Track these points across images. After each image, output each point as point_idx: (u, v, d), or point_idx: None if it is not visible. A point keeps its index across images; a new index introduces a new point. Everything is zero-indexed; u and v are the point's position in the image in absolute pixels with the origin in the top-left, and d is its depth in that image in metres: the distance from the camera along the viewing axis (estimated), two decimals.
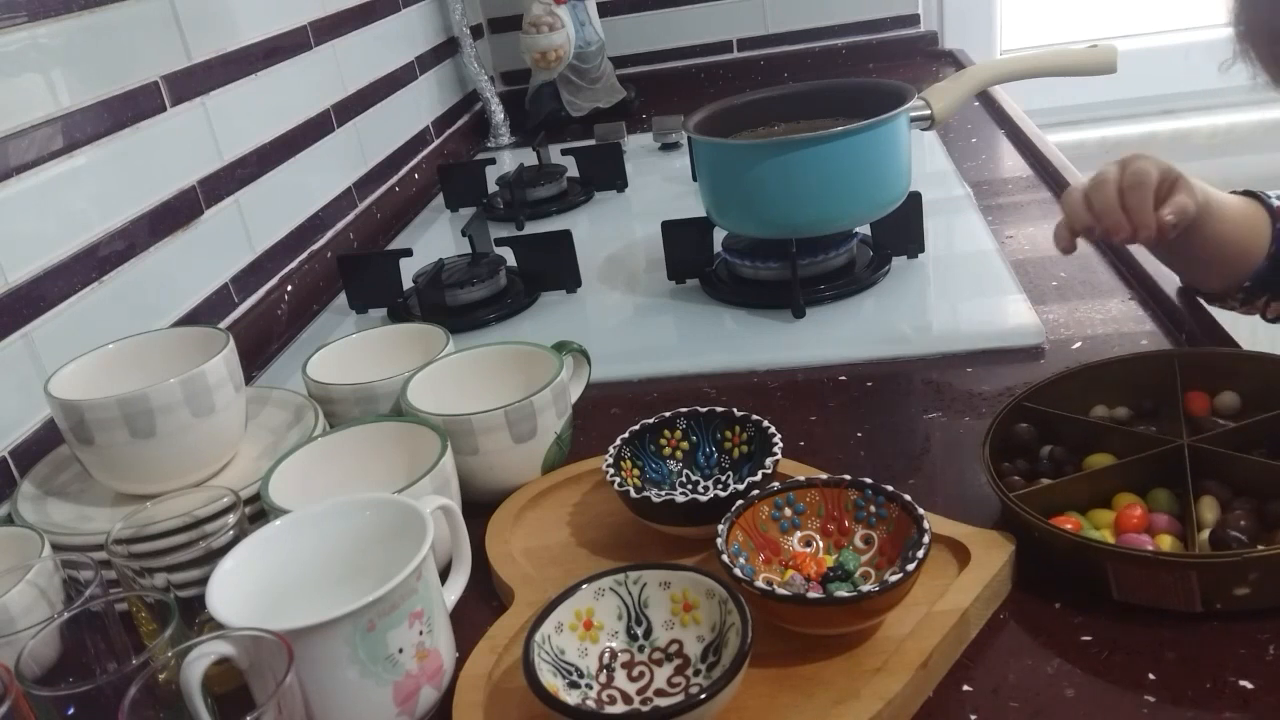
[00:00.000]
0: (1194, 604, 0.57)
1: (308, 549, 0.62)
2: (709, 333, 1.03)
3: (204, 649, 0.50)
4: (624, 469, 0.72)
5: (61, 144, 0.90)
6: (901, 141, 1.02)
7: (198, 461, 0.73)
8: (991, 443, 0.68)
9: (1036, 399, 0.72)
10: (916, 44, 2.01)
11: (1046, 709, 0.54)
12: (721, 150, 1.03)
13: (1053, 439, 0.70)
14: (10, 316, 0.83)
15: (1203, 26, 2.05)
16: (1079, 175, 1.23)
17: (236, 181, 1.16)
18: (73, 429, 0.69)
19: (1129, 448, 0.67)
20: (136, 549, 0.65)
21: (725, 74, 2.05)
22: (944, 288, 1.04)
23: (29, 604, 0.60)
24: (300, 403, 0.83)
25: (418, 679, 0.57)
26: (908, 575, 0.56)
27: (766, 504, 0.64)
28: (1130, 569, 0.58)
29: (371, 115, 1.53)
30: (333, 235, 1.36)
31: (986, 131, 1.53)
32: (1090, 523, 0.63)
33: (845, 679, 0.56)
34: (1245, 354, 0.73)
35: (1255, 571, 0.55)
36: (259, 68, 1.23)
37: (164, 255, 1.02)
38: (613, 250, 1.28)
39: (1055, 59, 1.15)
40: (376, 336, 0.91)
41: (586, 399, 0.89)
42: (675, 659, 0.58)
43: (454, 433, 0.74)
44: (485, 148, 1.89)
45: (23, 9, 0.88)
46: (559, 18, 1.84)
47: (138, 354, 0.77)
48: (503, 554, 0.70)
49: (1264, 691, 0.52)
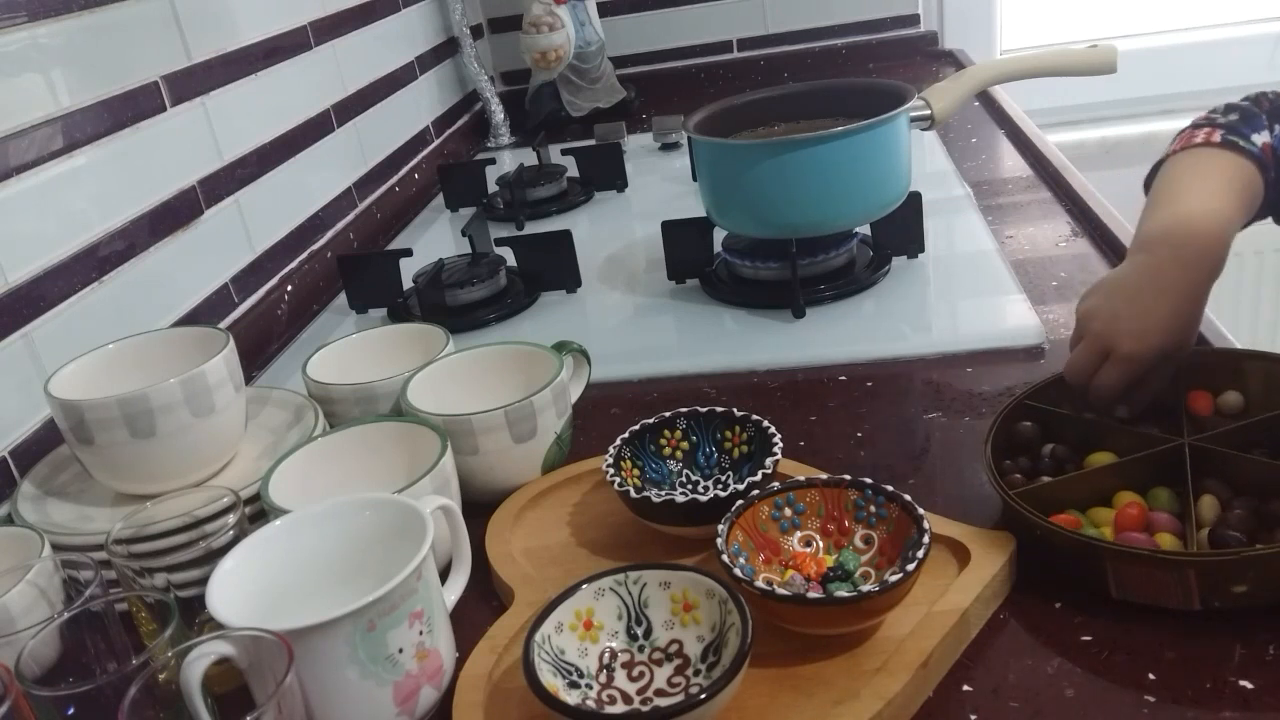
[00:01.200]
0: (1192, 602, 0.57)
1: (308, 549, 0.62)
2: (709, 333, 1.03)
3: (204, 649, 0.50)
4: (624, 469, 0.72)
5: (61, 144, 0.90)
6: (901, 141, 1.02)
7: (198, 461, 0.73)
8: (994, 441, 0.68)
9: (1039, 398, 0.72)
10: (916, 44, 2.01)
11: (1047, 709, 0.54)
12: (721, 150, 1.03)
13: (1055, 438, 0.70)
14: (10, 316, 0.83)
15: (1203, 26, 2.05)
16: (1079, 175, 1.23)
17: (236, 181, 1.16)
18: (73, 429, 0.69)
19: (1130, 446, 0.67)
20: (136, 549, 0.65)
21: (725, 74, 2.05)
22: (944, 288, 1.04)
23: (29, 604, 0.60)
24: (300, 403, 0.83)
25: (418, 679, 0.57)
26: (908, 575, 0.56)
27: (766, 504, 0.64)
28: (1128, 567, 0.58)
29: (371, 115, 1.53)
30: (333, 235, 1.36)
31: (986, 131, 1.53)
32: (1090, 521, 0.63)
33: (845, 679, 0.56)
34: (1249, 353, 0.72)
35: (1253, 570, 0.55)
36: (259, 68, 1.23)
37: (164, 255, 1.02)
38: (613, 250, 1.28)
39: (1055, 59, 1.15)
40: (376, 336, 0.91)
41: (586, 399, 0.89)
42: (675, 659, 0.58)
43: (454, 433, 0.74)
44: (485, 148, 1.90)
45: (23, 9, 0.88)
46: (559, 18, 1.84)
47: (138, 354, 0.77)
48: (503, 554, 0.70)
49: (1264, 691, 0.52)
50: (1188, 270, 0.70)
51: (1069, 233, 1.12)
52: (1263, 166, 0.75)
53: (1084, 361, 0.70)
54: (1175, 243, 0.70)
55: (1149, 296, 0.69)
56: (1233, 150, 0.75)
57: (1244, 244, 1.83)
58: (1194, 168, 0.75)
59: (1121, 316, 0.69)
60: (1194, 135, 0.77)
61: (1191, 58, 2.02)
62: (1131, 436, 0.68)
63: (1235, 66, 1.97)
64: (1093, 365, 0.70)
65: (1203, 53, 2.02)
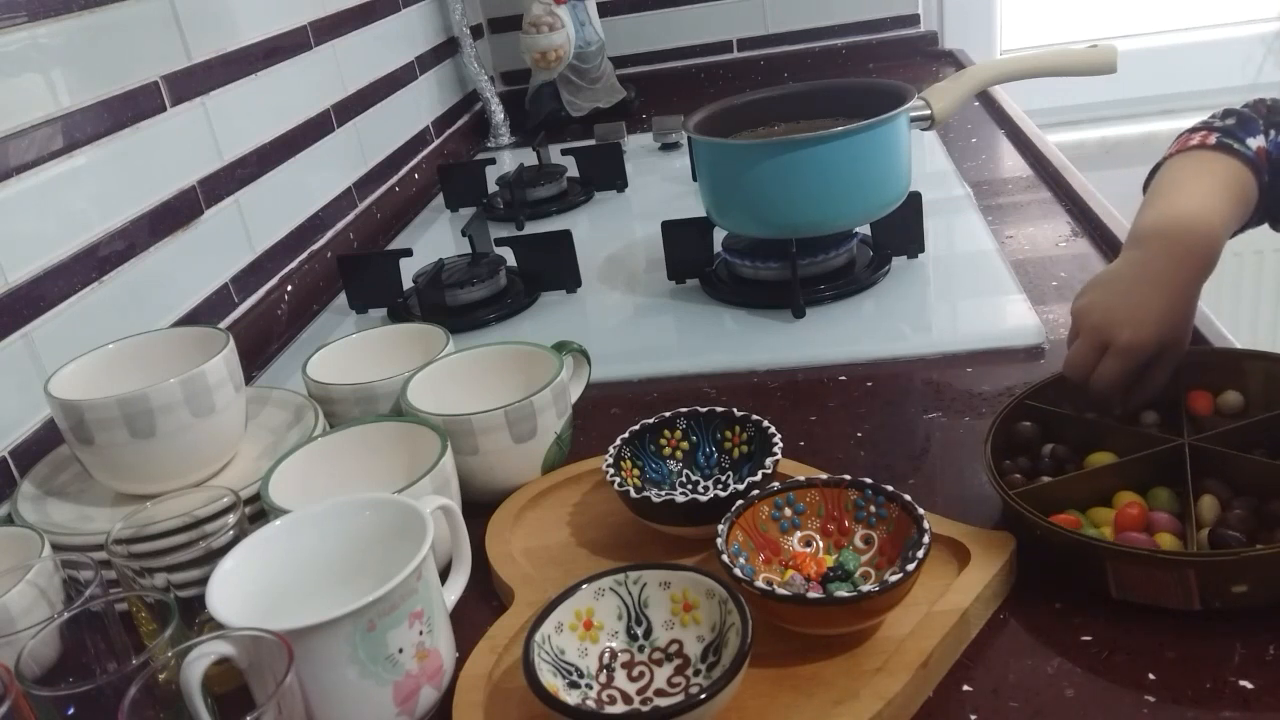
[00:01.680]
0: (1192, 602, 0.57)
1: (308, 549, 0.62)
2: (709, 333, 1.03)
3: (204, 649, 0.50)
4: (624, 469, 0.72)
5: (61, 144, 0.90)
6: (901, 141, 1.02)
7: (198, 461, 0.73)
8: (993, 441, 0.68)
9: (1039, 397, 0.72)
10: (916, 44, 2.01)
11: (1047, 709, 0.54)
12: (721, 150, 1.03)
13: (1055, 438, 0.70)
14: (10, 316, 0.83)
15: (1203, 26, 2.05)
16: (1079, 175, 1.23)
17: (236, 181, 1.16)
18: (73, 429, 0.69)
19: (1130, 446, 0.67)
20: (136, 549, 0.65)
21: (725, 74, 2.05)
22: (944, 288, 1.04)
23: (29, 604, 0.60)
24: (300, 403, 0.83)
25: (418, 679, 0.57)
26: (908, 575, 0.56)
27: (766, 504, 0.64)
28: (1128, 567, 0.58)
29: (371, 115, 1.53)
30: (333, 235, 1.36)
31: (986, 131, 1.53)
32: (1090, 521, 0.63)
33: (845, 679, 0.56)
34: (1249, 353, 0.72)
35: (1253, 570, 0.55)
36: (259, 68, 1.23)
37: (164, 255, 1.02)
38: (613, 250, 1.28)
39: (1055, 59, 1.15)
40: (376, 336, 0.91)
41: (586, 399, 0.89)
42: (675, 659, 0.58)
43: (454, 433, 0.74)
44: (485, 148, 1.89)
45: (23, 9, 0.88)
46: (559, 18, 1.84)
47: (138, 354, 0.77)
48: (503, 554, 0.70)
49: (1264, 691, 0.52)
50: (1180, 265, 0.71)
51: (1069, 233, 1.12)
52: (1256, 170, 0.76)
53: (1083, 356, 0.70)
54: (1168, 238, 0.72)
55: (1144, 289, 0.70)
56: (1227, 153, 0.76)
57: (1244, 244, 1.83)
58: (1188, 169, 0.76)
59: (1118, 309, 0.70)
60: (1190, 139, 0.79)
61: (1191, 58, 2.02)
62: (1131, 436, 0.68)
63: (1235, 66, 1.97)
64: (1092, 359, 0.70)
65: (1203, 53, 2.02)
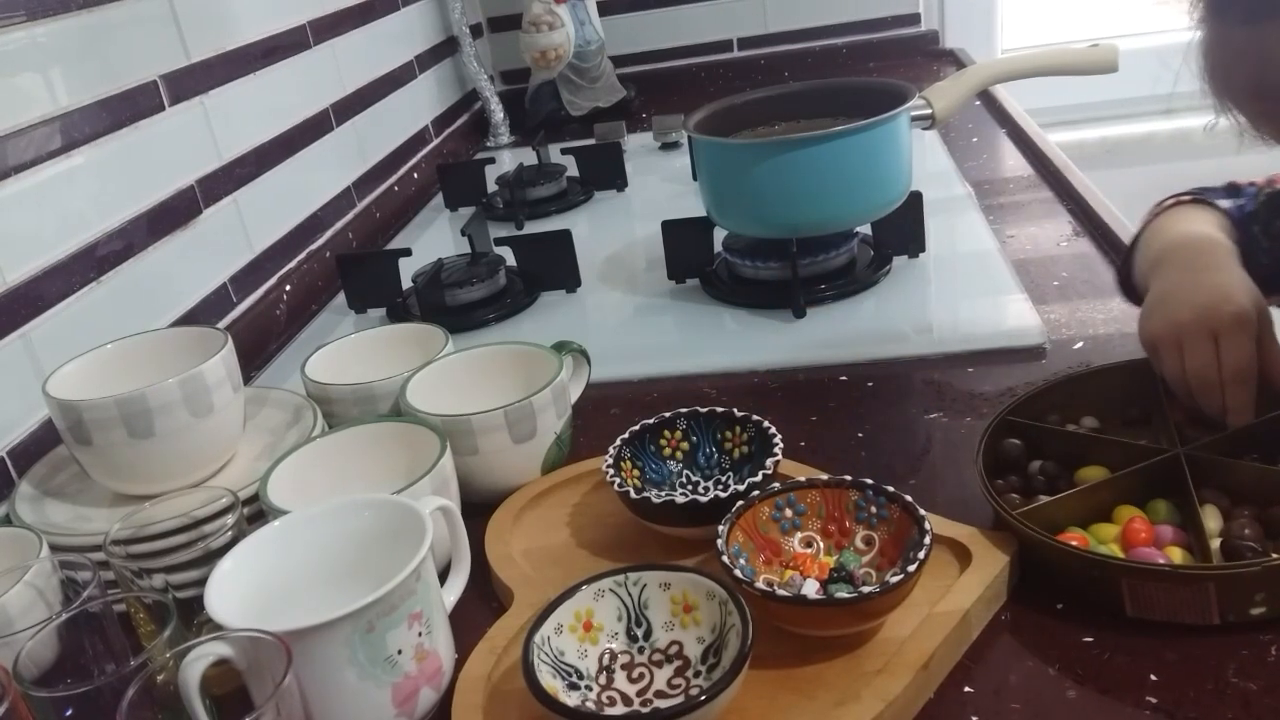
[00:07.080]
0: (1211, 617, 0.56)
1: (307, 550, 0.62)
2: (709, 333, 1.03)
3: (202, 650, 0.50)
4: (624, 469, 0.72)
5: (60, 143, 0.90)
6: (902, 141, 1.02)
7: (196, 462, 0.73)
8: (983, 460, 0.67)
9: (1021, 412, 0.71)
10: (917, 43, 2.01)
11: (1048, 710, 0.53)
12: (721, 150, 1.03)
13: (1039, 453, 0.69)
14: (8, 316, 0.83)
15: None
16: (1080, 175, 1.23)
17: (235, 181, 1.16)
18: (71, 429, 0.69)
19: (1122, 459, 0.66)
20: (135, 550, 0.65)
21: (725, 73, 2.05)
22: (945, 288, 1.04)
23: (27, 605, 0.60)
24: (299, 403, 0.82)
25: (417, 680, 0.56)
26: (909, 576, 0.55)
27: (767, 505, 0.64)
28: (1147, 585, 0.56)
29: (370, 114, 1.52)
30: (331, 235, 1.36)
31: (987, 131, 1.53)
32: (1094, 538, 0.62)
33: (846, 680, 0.55)
34: None
35: (1273, 581, 0.54)
36: (258, 67, 1.23)
37: (162, 255, 1.02)
38: (613, 250, 1.28)
39: (1056, 58, 1.15)
40: (375, 336, 0.91)
41: (586, 399, 0.89)
42: (675, 660, 0.58)
43: (453, 433, 0.74)
44: (485, 147, 1.89)
45: (22, 9, 0.88)
46: (559, 17, 1.84)
47: (136, 354, 0.77)
48: (502, 555, 0.70)
49: (1266, 693, 0.52)
50: (1213, 250, 0.74)
51: (1070, 232, 1.11)
52: (1231, 220, 0.80)
53: (1201, 355, 0.68)
54: (1186, 246, 0.76)
55: (1200, 277, 0.72)
56: (1203, 205, 0.81)
57: None
58: (1173, 218, 0.81)
59: (1198, 299, 0.70)
60: (1163, 203, 0.83)
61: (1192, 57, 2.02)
62: (1120, 448, 0.67)
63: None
64: (1211, 353, 0.68)
65: None
